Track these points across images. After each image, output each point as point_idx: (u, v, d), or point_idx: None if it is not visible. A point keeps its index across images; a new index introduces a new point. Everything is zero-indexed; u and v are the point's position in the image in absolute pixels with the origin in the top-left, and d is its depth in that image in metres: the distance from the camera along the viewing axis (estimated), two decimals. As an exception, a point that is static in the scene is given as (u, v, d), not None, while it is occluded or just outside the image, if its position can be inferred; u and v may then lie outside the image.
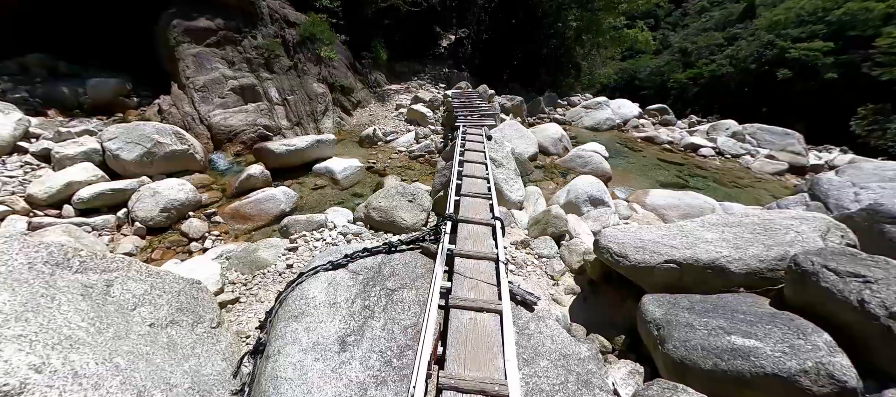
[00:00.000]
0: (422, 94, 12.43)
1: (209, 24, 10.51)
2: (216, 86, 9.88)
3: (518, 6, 18.44)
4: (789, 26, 40.16)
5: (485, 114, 8.90)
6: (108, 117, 9.96)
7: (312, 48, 11.15)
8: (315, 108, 10.33)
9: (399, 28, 16.20)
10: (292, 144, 8.03)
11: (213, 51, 10.49)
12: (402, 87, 14.35)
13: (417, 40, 18.21)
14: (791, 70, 36.21)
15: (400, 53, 16.85)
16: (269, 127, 9.38)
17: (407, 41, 17.26)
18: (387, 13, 14.75)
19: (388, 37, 15.63)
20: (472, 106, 9.67)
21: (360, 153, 9.47)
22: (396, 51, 16.47)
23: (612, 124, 13.58)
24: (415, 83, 15.08)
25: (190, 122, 9.22)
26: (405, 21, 16.07)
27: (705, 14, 56.68)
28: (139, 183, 6.49)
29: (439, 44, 20.33)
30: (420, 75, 16.25)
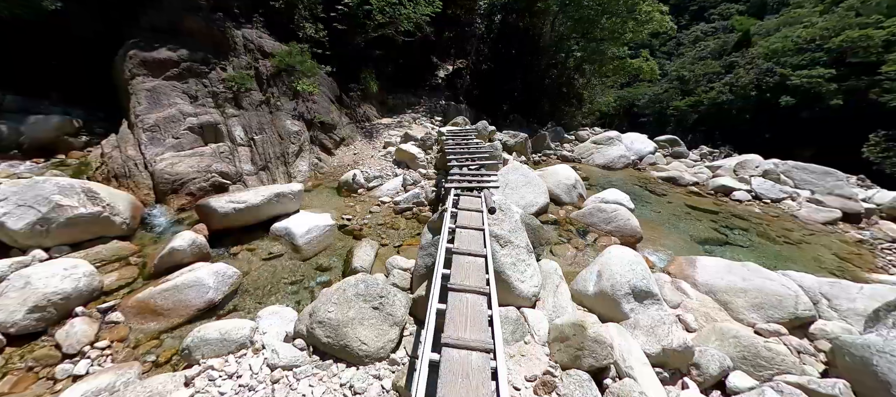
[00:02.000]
0: (413, 131, 10.74)
1: (170, 56, 8.96)
2: (171, 124, 8.22)
3: (519, 37, 17.11)
4: (787, 54, 39.28)
5: (484, 159, 7.13)
6: (46, 159, 8.33)
7: (289, 81, 9.56)
8: (286, 149, 8.62)
9: (392, 58, 14.76)
10: (242, 201, 6.22)
11: (173, 84, 8.90)
12: (393, 122, 12.72)
13: (413, 71, 16.78)
14: (794, 97, 35.01)
15: (393, 85, 15.36)
16: (227, 174, 7.62)
17: (401, 72, 15.81)
18: (379, 43, 13.30)
19: (381, 67, 14.15)
20: (469, 148, 7.93)
21: (336, 204, 7.67)
22: (389, 82, 14.97)
23: (626, 162, 11.82)
24: (408, 117, 13.48)
25: (130, 169, 7.50)
26: (399, 51, 14.65)
27: (700, 43, 56.25)
28: (15, 264, 4.66)
29: (436, 75, 18.94)
30: (415, 108, 14.69)
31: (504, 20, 17.27)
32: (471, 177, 5.44)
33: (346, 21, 11.99)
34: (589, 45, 17.18)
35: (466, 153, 7.51)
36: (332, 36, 11.91)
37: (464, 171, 5.94)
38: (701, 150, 20.11)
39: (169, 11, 9.43)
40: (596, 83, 25.87)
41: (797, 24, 45.68)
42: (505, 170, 8.09)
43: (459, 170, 6.09)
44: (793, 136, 35.28)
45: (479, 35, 17.78)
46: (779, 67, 39.82)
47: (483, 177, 5.46)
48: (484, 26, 17.80)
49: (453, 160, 6.87)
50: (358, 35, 12.40)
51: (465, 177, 5.49)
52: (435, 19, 15.68)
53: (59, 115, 8.89)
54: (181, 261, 5.27)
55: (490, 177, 5.49)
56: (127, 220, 5.98)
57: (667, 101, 49.67)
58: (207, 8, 9.81)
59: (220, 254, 5.97)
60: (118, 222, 5.81)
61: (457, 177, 5.54)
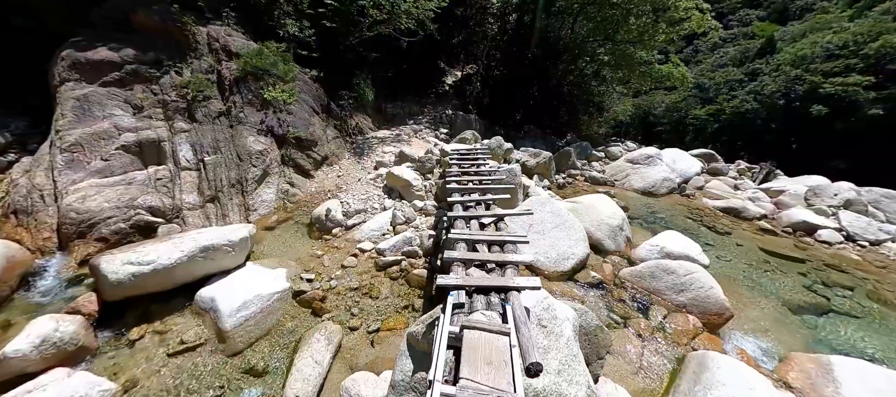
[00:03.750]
0: (412, 148, 8.70)
1: (111, 56, 7.09)
2: (99, 142, 6.33)
3: (535, 39, 15.00)
4: (817, 61, 36.38)
5: (498, 189, 5.03)
6: None
7: (256, 88, 7.61)
8: (245, 174, 6.64)
9: (392, 62, 12.81)
10: (148, 261, 4.21)
11: (112, 92, 7.03)
12: (391, 135, 10.71)
13: (416, 77, 14.81)
14: (826, 106, 32.17)
15: (393, 92, 13.39)
16: (158, 209, 5.66)
17: (403, 78, 13.85)
18: (376, 44, 11.36)
19: (378, 72, 12.21)
20: (479, 173, 5.82)
21: (301, 250, 5.63)
22: (389, 89, 13.02)
23: (671, 186, 9.56)
24: (409, 128, 11.46)
25: (34, 202, 5.62)
26: (400, 54, 12.69)
27: (719, 50, 53.42)
28: None
29: (443, 81, 16.93)
30: (417, 118, 12.66)
31: (519, 21, 15.19)
32: (487, 244, 3.31)
33: (337, 18, 10.06)
34: (617, 47, 14.95)
35: (475, 181, 5.40)
36: (321, 35, 10.00)
37: (471, 226, 3.82)
38: (738, 166, 17.67)
39: (120, 3, 7.60)
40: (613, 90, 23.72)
41: (825, 30, 42.65)
42: (528, 204, 5.97)
43: (466, 223, 3.94)
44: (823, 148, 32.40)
45: (492, 37, 15.71)
46: (808, 75, 36.94)
47: (505, 241, 3.33)
48: (497, 27, 15.73)
49: (455, 194, 4.79)
50: (351, 34, 10.46)
51: (476, 240, 3.36)
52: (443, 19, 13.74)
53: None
54: (24, 370, 3.28)
55: (516, 242, 3.34)
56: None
57: (685, 110, 46.99)
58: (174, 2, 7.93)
59: (110, 341, 3.98)
60: (-38, 292, 3.85)
61: (463, 238, 3.41)
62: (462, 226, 3.93)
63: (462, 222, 3.99)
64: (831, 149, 30.09)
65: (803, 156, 28.64)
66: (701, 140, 38.48)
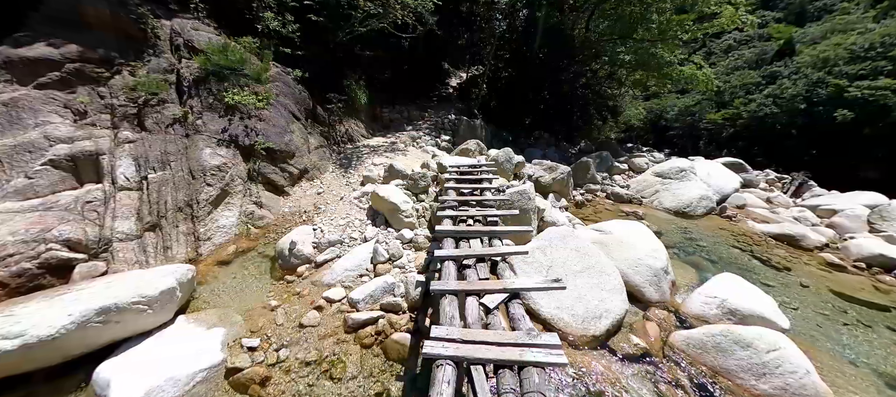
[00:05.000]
0: (404, 161, 7.43)
1: (50, 53, 5.98)
2: (24, 156, 5.20)
3: (547, 36, 13.64)
4: (840, 63, 34.39)
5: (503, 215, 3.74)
6: None
7: (219, 90, 6.41)
8: (198, 194, 5.42)
9: (390, 62, 11.59)
10: (15, 334, 2.98)
11: (51, 95, 5.91)
12: (386, 143, 9.46)
13: (418, 79, 13.58)
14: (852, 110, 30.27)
15: (392, 95, 12.16)
16: (77, 242, 4.46)
17: (402, 79, 12.61)
18: (371, 42, 10.15)
19: (375, 73, 10.98)
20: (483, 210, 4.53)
21: (254, 297, 4.38)
22: (387, 92, 11.79)
23: (708, 206, 8.12)
24: (407, 135, 10.20)
25: (-75, 233, 4.45)
26: (399, 53, 11.48)
27: (733, 52, 51.39)
28: None
29: (447, 83, 15.67)
30: (417, 124, 11.40)
31: (530, 17, 13.87)
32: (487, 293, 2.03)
33: (324, 11, 8.87)
34: (637, 46, 13.54)
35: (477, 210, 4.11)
36: (307, 31, 8.80)
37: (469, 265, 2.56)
38: (767, 175, 16.11)
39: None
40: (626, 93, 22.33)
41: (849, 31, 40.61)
42: (546, 236, 4.64)
43: (458, 267, 2.66)
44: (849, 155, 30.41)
45: (500, 36, 14.40)
46: (831, 77, 34.97)
47: (515, 290, 2.04)
48: (505, 25, 14.43)
49: (445, 221, 3.53)
50: (341, 30, 9.25)
51: (475, 291, 2.08)
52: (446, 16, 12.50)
53: None
54: None
55: (531, 289, 2.08)
56: None
57: (699, 114, 45.16)
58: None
59: None
60: None
61: (451, 289, 2.12)
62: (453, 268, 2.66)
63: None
64: (858, 157, 28.23)
65: (825, 165, 26.91)
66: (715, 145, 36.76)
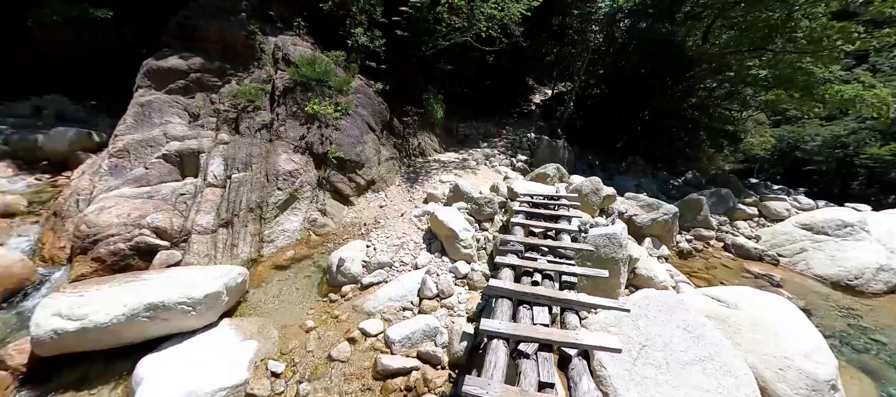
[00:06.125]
0: (472, 180, 6.78)
1: (179, 64, 6.94)
2: (145, 149, 5.96)
3: (652, 51, 11.80)
4: None
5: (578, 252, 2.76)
6: (56, 175, 6.97)
7: (303, 99, 6.65)
8: (268, 197, 5.56)
9: (470, 76, 11.19)
10: (80, 316, 3.12)
11: (175, 100, 6.81)
12: (458, 159, 8.98)
13: (499, 94, 12.93)
14: None
15: (470, 110, 11.73)
16: (164, 230, 4.81)
17: (481, 94, 12.10)
18: (453, 55, 9.90)
19: (452, 87, 10.68)
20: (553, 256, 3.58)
21: (299, 311, 4.14)
22: (465, 106, 11.40)
23: (889, 282, 5.63)
24: (481, 152, 9.59)
25: (69, 206, 5.33)
26: (480, 66, 11.02)
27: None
28: None
29: (530, 100, 14.70)
30: (493, 141, 10.73)
31: (633, 28, 12.20)
32: None
33: (411, 26, 8.85)
34: (779, 59, 10.84)
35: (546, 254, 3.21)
36: (391, 45, 8.90)
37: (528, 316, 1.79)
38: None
39: (198, 15, 7.52)
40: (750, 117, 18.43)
41: None
42: (639, 299, 3.48)
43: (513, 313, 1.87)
44: None
45: (595, 49, 12.97)
46: None
47: None
48: (602, 37, 12.96)
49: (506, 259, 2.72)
50: (424, 44, 9.15)
51: None
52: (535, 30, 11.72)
53: (74, 128, 7.60)
54: None
55: None
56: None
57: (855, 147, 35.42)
58: (243, 11, 7.64)
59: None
60: None
61: None
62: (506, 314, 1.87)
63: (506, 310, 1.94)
64: None
65: None
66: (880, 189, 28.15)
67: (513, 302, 2.82)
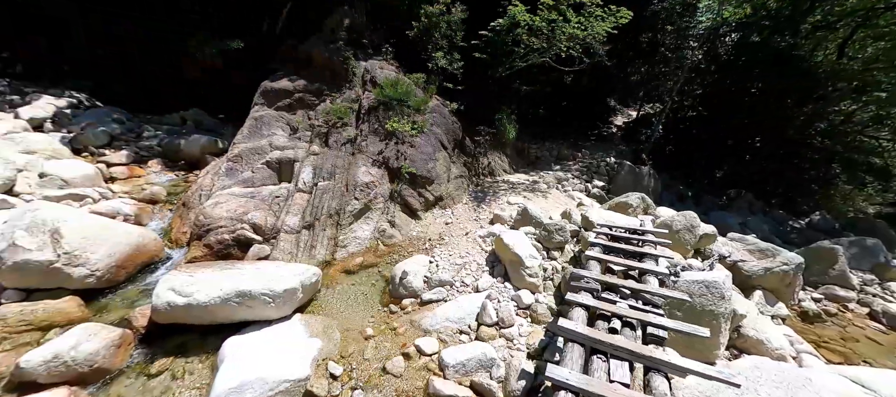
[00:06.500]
0: (542, 204, 6.40)
1: (287, 85, 8.00)
2: (254, 156, 6.91)
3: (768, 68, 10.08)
4: None
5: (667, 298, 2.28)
6: (189, 172, 8.49)
7: (384, 117, 7.09)
8: (346, 205, 5.95)
9: (546, 96, 10.82)
10: (187, 294, 3.64)
11: (281, 115, 7.81)
12: (527, 181, 8.65)
13: (575, 115, 12.28)
14: None
15: (544, 130, 11.31)
16: (259, 227, 5.45)
17: (557, 115, 11.60)
18: (529, 75, 9.71)
19: (526, 107, 10.44)
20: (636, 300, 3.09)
21: (362, 317, 4.28)
22: (538, 126, 11.04)
23: None
24: (553, 176, 9.11)
25: (193, 199, 6.36)
26: (557, 87, 10.61)
27: None
28: None
29: (610, 121, 13.67)
30: (566, 164, 10.14)
31: (742, 43, 10.62)
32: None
33: (489, 48, 8.96)
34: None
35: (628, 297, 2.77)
36: (469, 67, 9.10)
37: None
38: None
39: (309, 44, 8.64)
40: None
41: None
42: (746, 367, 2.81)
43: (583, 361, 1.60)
44: None
45: (692, 67, 11.58)
46: None
47: None
48: (701, 54, 11.54)
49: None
50: (501, 65, 9.16)
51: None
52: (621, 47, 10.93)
53: (206, 136, 9.22)
54: (35, 381, 2.99)
55: None
56: (98, 272, 4.27)
57: None
58: (341, 40, 8.57)
59: (137, 366, 3.50)
60: (79, 275, 4.12)
61: None
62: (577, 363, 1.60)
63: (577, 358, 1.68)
64: None
65: None
66: None
67: (585, 349, 2.47)
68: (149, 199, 6.66)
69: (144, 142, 8.99)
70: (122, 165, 7.71)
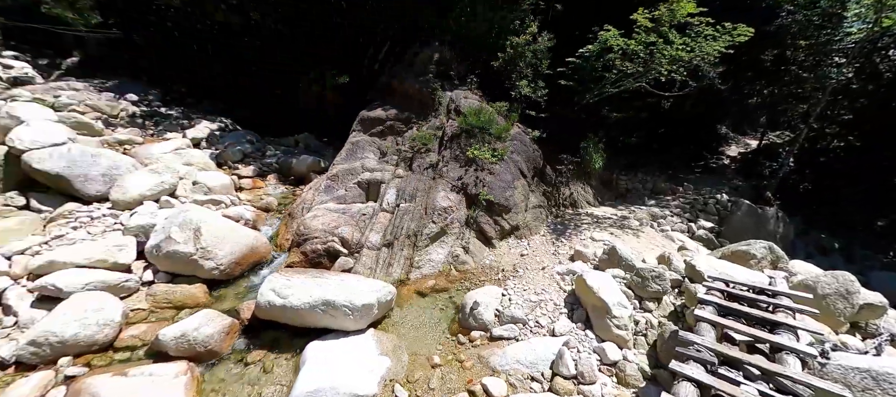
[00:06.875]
0: (633, 244, 5.59)
1: (380, 114, 8.79)
2: (348, 176, 7.63)
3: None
4: None
5: None
6: (296, 187, 9.75)
7: (465, 144, 7.19)
8: (423, 228, 6.08)
9: (641, 124, 9.82)
10: (284, 296, 4.05)
11: (373, 140, 8.56)
12: (615, 216, 7.81)
13: (676, 143, 10.85)
14: None
15: (635, 160, 10.21)
16: (346, 240, 5.89)
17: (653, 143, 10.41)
18: (621, 103, 8.98)
19: (616, 135, 9.59)
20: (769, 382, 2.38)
21: (429, 343, 4.22)
22: (629, 155, 10.02)
23: None
24: (645, 212, 8.07)
25: (297, 211, 7.23)
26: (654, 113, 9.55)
27: None
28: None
29: (721, 152, 11.78)
30: (662, 199, 8.93)
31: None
32: None
33: (576, 75, 8.58)
34: None
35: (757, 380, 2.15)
36: (554, 94, 8.83)
37: None
38: None
39: (402, 76, 9.43)
40: None
41: None
42: None
43: None
44: None
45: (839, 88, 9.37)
46: None
47: None
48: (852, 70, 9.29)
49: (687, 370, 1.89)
50: (589, 92, 8.66)
51: None
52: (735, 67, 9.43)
53: (312, 156, 10.55)
54: (167, 353, 3.61)
55: None
56: (221, 266, 5.08)
57: None
58: (430, 72, 9.15)
59: (238, 354, 3.98)
60: (208, 267, 4.96)
61: None
62: None
63: None
64: None
65: None
66: None
67: None
68: (264, 208, 7.78)
69: (266, 160, 10.66)
70: (248, 178, 9.23)
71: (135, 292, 4.72)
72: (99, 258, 4.70)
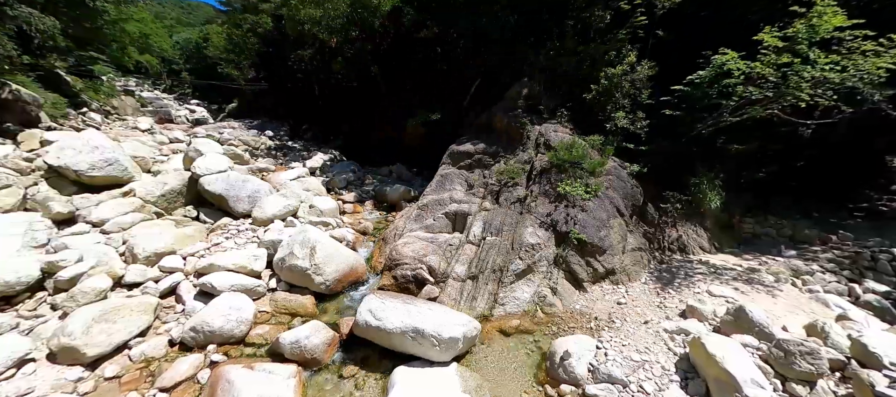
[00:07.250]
0: (768, 306, 4.44)
1: (469, 148, 9.20)
2: (436, 206, 8.05)
3: None
4: None
5: None
6: (390, 214, 10.62)
7: (556, 179, 6.92)
8: (509, 263, 5.92)
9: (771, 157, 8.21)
10: (380, 318, 4.32)
11: (461, 173, 8.96)
12: (741, 267, 6.50)
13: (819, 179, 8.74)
14: None
15: (764, 200, 8.48)
16: (433, 269, 6.09)
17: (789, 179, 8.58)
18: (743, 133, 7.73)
19: (740, 169, 8.16)
20: None
21: (511, 390, 4.00)
22: (754, 193, 8.39)
23: None
24: (782, 265, 6.55)
25: (390, 236, 7.81)
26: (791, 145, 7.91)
27: None
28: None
29: (892, 190, 9.13)
30: (807, 248, 7.19)
31: None
32: None
33: (684, 104, 7.71)
34: None
35: None
36: (655, 124, 8.06)
37: None
38: None
39: (490, 113, 9.76)
40: None
41: None
42: None
43: None
44: None
45: None
46: None
47: None
48: None
49: None
50: (700, 122, 7.64)
51: None
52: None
53: (404, 186, 11.38)
54: (279, 353, 4.14)
55: None
56: (328, 282, 5.74)
57: None
58: (519, 107, 9.28)
59: (336, 366, 4.36)
60: (317, 281, 5.66)
61: None
62: None
63: None
64: None
65: None
66: None
67: None
68: (362, 231, 8.59)
69: (365, 188, 11.87)
70: (350, 203, 10.37)
71: (262, 296, 5.59)
72: (241, 264, 5.73)
